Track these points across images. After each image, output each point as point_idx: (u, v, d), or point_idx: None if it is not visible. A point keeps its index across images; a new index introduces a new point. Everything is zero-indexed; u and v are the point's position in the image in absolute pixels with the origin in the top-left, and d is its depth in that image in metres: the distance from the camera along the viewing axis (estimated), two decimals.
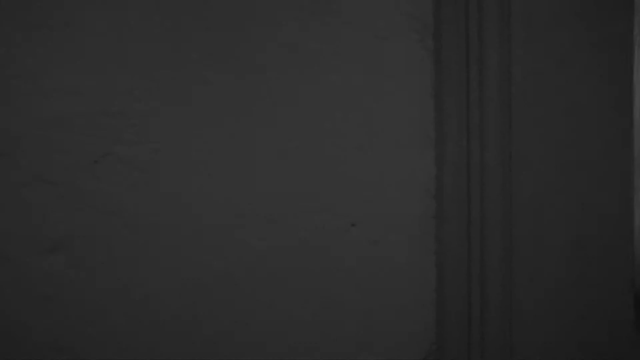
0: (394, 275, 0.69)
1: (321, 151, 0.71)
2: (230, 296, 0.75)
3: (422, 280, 0.68)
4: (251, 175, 0.73)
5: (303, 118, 0.72)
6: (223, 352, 0.76)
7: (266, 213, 0.73)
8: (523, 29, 0.67)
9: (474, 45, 0.66)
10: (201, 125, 0.75)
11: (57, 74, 0.78)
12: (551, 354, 0.69)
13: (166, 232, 0.77)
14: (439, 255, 0.66)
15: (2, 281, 0.77)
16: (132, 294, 0.78)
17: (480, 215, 0.66)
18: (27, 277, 0.78)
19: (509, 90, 0.67)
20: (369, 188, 0.69)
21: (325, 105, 0.71)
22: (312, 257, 0.72)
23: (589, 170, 0.71)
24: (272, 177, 0.72)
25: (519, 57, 0.67)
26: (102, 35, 0.77)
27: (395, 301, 0.69)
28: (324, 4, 0.71)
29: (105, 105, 0.78)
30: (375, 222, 0.70)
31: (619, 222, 0.73)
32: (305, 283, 0.72)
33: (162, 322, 0.78)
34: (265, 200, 0.73)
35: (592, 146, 0.71)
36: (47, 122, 0.78)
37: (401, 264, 0.68)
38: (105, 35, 0.77)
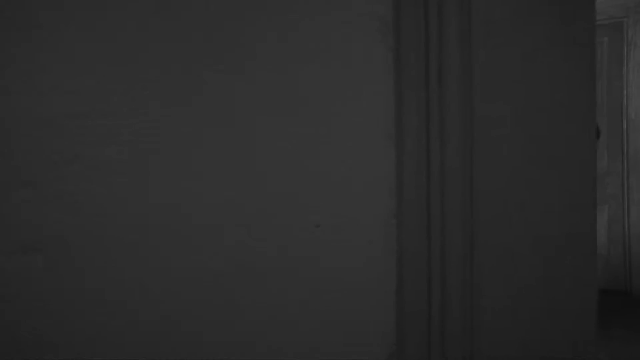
0: (357, 276, 0.68)
1: (286, 153, 0.71)
2: (196, 296, 0.74)
3: (383, 281, 0.67)
4: (215, 178, 0.73)
5: (267, 120, 0.72)
6: (194, 350, 0.75)
7: (234, 215, 0.73)
8: (483, 27, 0.66)
9: (434, 43, 0.65)
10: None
11: (25, 74, 0.79)
12: (513, 354, 0.67)
13: (140, 232, 0.77)
14: (400, 256, 0.65)
15: None
16: (107, 294, 0.78)
17: (441, 215, 0.65)
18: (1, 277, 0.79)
19: (469, 88, 0.66)
20: (332, 188, 0.69)
21: (289, 107, 0.71)
22: (279, 258, 0.71)
23: (551, 168, 0.69)
24: (239, 179, 0.72)
25: (480, 55, 0.66)
26: (80, 40, 0.78)
27: (357, 302, 0.68)
28: (288, 2, 0.71)
29: (79, 107, 0.79)
30: (338, 222, 0.69)
31: (582, 221, 0.71)
32: (271, 284, 0.71)
33: (141, 322, 0.78)
34: (232, 203, 0.73)
35: (555, 144, 0.70)
36: (21, 124, 0.79)
37: (363, 265, 0.67)
38: (84, 39, 0.78)
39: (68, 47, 0.79)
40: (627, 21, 4.92)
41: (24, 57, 0.79)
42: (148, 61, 0.75)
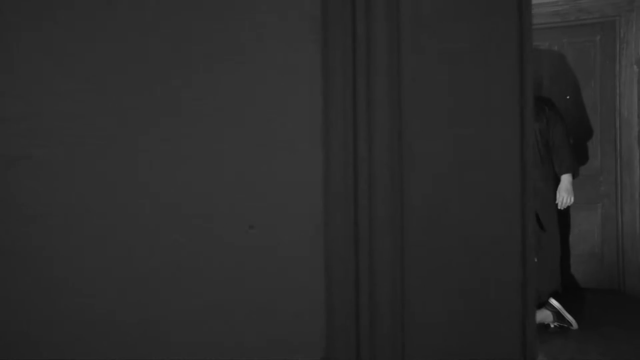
0: (289, 280, 0.69)
1: (220, 154, 0.72)
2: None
3: (313, 285, 0.68)
4: (150, 179, 0.74)
5: (202, 123, 0.73)
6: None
7: (170, 216, 0.73)
8: (412, 27, 0.67)
9: (362, 43, 0.66)
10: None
11: None
12: (445, 357, 0.68)
13: (76, 233, 0.77)
14: (327, 260, 0.66)
15: None
16: (51, 293, 0.79)
17: (369, 217, 0.66)
18: None
19: (398, 89, 0.67)
20: (265, 189, 0.70)
21: (223, 108, 0.71)
22: (214, 259, 0.72)
23: (482, 170, 0.70)
24: (175, 181, 0.73)
25: (409, 56, 0.67)
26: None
27: (289, 307, 0.69)
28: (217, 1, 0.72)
29: (16, 108, 0.79)
30: (271, 224, 0.70)
31: (513, 223, 0.71)
32: (205, 284, 0.72)
33: (77, 322, 0.78)
34: (168, 204, 0.74)
35: (486, 146, 0.70)
36: None
37: (294, 267, 0.68)
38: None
39: None
40: (619, 20, 4.92)
41: None
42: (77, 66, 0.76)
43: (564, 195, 4.19)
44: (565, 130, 4.27)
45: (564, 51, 5.18)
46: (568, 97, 5.16)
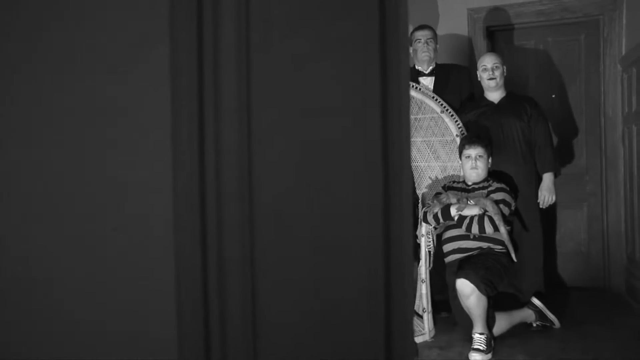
0: (146, 279, 0.69)
1: (82, 158, 0.72)
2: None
3: (167, 287, 0.68)
4: (14, 182, 0.74)
5: (61, 123, 0.73)
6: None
7: (35, 215, 0.74)
8: (262, 31, 0.67)
9: (209, 48, 0.66)
10: None
11: None
12: (300, 357, 0.68)
13: None
14: (177, 262, 0.66)
15: None
16: None
17: (217, 220, 0.66)
18: None
19: (247, 94, 0.67)
20: (126, 194, 0.70)
21: (84, 112, 0.72)
22: (79, 261, 0.72)
23: (331, 174, 0.70)
24: (40, 183, 0.73)
25: (259, 60, 0.67)
26: None
27: (144, 313, 0.69)
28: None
29: None
30: (132, 226, 0.70)
31: (373, 224, 0.71)
32: (70, 286, 0.72)
33: None
34: (36, 205, 0.74)
35: (338, 150, 0.70)
36: None
37: (148, 270, 0.69)
38: None
39: None
40: (603, 19, 4.91)
41: None
42: None
43: (546, 194, 4.18)
44: (548, 129, 4.26)
45: (549, 50, 5.18)
46: (554, 96, 5.15)
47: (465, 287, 3.55)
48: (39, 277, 0.73)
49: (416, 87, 4.25)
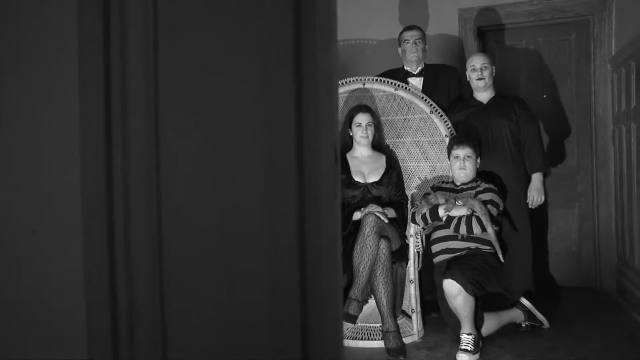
0: (65, 281, 0.70)
1: (6, 161, 0.73)
2: None
3: (77, 287, 0.68)
4: None
5: None
6: None
7: None
8: (169, 33, 0.67)
9: (116, 52, 0.66)
10: None
11: None
12: (211, 356, 0.69)
13: None
14: (86, 263, 0.67)
15: None
16: None
17: (125, 227, 0.66)
18: None
19: (155, 98, 0.67)
20: (44, 197, 0.71)
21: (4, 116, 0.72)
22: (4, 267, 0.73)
23: (238, 177, 0.70)
24: None
25: (166, 64, 0.67)
26: None
27: (57, 307, 0.69)
28: None
29: None
30: (49, 228, 0.71)
31: (287, 226, 0.71)
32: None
33: None
34: None
35: (246, 150, 0.70)
36: None
37: (59, 270, 0.69)
38: None
39: None
40: (593, 19, 4.91)
41: None
42: None
43: (535, 194, 4.17)
44: (537, 129, 4.25)
45: (540, 50, 5.17)
46: (545, 96, 5.15)
47: (452, 288, 3.55)
48: None
49: (405, 88, 4.25)
